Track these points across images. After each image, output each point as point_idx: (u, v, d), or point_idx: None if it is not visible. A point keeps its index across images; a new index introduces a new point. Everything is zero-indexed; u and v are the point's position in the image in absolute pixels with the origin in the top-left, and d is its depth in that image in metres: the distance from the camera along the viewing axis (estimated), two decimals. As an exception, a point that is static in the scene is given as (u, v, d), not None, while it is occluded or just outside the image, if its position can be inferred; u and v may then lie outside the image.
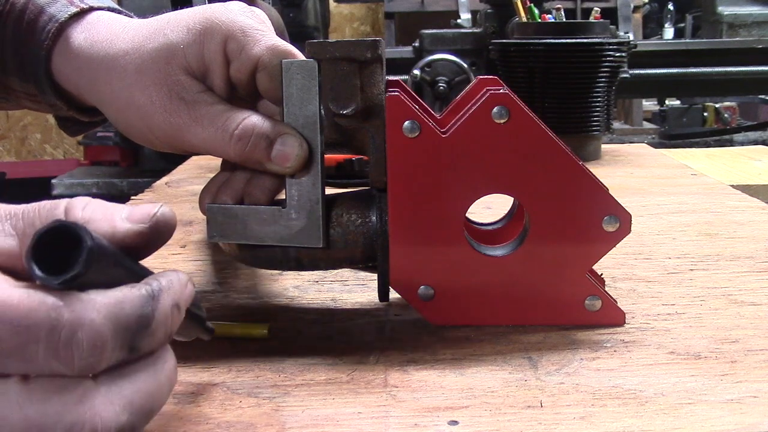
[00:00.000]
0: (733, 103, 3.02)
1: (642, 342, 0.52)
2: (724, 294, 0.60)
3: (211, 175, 0.56)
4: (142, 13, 0.61)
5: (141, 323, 0.35)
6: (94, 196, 0.40)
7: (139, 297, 0.35)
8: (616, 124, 2.52)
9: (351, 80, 0.51)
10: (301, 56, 0.53)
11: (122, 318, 0.34)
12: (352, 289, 0.63)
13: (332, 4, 3.98)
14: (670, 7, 3.77)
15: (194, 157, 1.24)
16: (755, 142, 2.28)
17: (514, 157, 0.51)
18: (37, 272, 0.32)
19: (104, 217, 0.38)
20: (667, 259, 0.69)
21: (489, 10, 1.75)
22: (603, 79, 1.22)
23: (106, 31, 0.58)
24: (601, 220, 0.52)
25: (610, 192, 0.53)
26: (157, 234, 0.39)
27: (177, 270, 0.39)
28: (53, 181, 2.78)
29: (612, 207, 0.52)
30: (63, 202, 0.38)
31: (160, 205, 0.39)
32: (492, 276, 0.53)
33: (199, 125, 0.53)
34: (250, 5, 0.56)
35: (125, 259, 0.37)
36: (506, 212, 0.61)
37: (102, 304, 0.33)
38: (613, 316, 0.54)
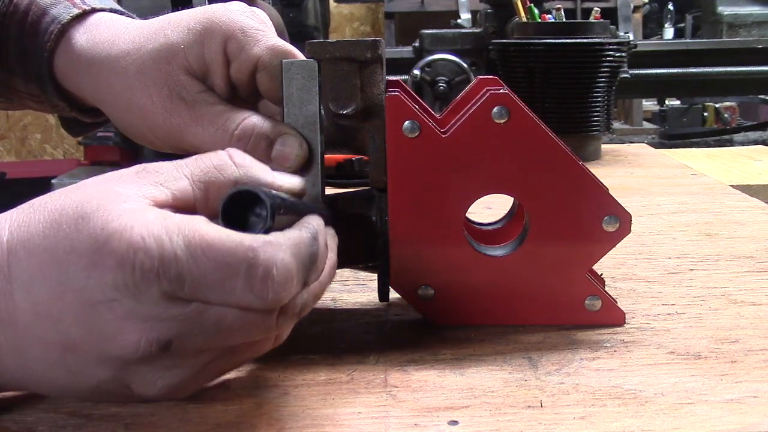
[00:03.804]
0: (733, 103, 3.02)
1: (642, 342, 0.52)
2: (724, 294, 0.60)
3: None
4: (143, 13, 0.61)
5: (312, 260, 0.40)
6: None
7: (308, 238, 0.40)
8: (616, 124, 2.51)
9: (351, 80, 0.51)
10: (301, 56, 0.53)
11: (300, 257, 0.39)
12: (352, 289, 0.63)
13: (332, 4, 3.98)
14: (670, 7, 3.77)
15: (194, 157, 1.24)
16: (755, 142, 2.27)
17: (514, 157, 0.51)
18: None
19: (263, 168, 0.43)
20: (667, 259, 0.69)
21: (489, 10, 1.75)
22: (603, 79, 1.22)
23: (107, 32, 0.58)
24: (601, 220, 0.52)
25: (610, 192, 0.53)
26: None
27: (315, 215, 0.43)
28: (53, 181, 2.77)
29: (612, 207, 0.52)
30: (224, 153, 0.42)
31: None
32: (492, 276, 0.53)
33: (200, 125, 0.53)
34: (250, 5, 0.56)
35: (286, 200, 0.41)
36: (506, 212, 0.61)
37: (287, 246, 0.38)
38: (613, 316, 0.54)
